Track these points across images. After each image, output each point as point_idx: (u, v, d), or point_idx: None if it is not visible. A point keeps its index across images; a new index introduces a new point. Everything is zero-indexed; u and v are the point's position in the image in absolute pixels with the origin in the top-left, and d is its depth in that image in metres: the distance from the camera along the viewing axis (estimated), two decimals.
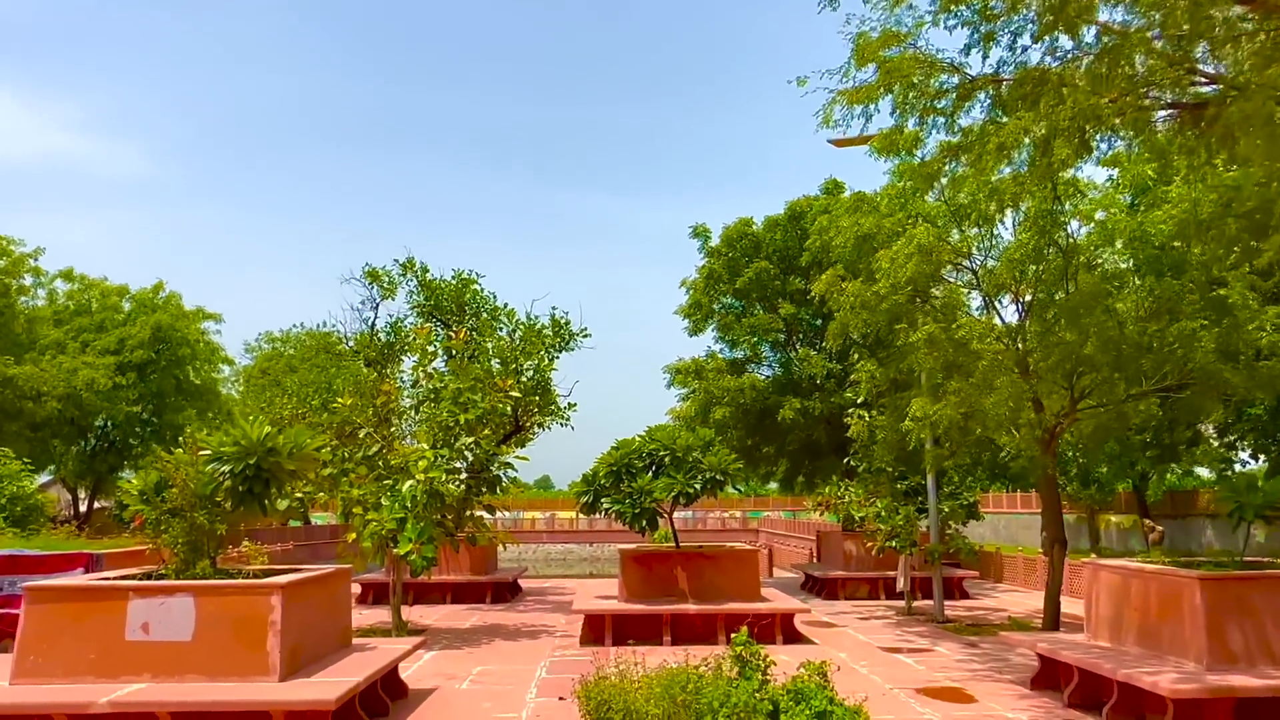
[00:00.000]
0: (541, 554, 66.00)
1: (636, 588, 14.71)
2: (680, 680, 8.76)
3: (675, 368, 24.16)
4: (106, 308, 35.18)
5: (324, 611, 9.28)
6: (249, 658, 8.02)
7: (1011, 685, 10.90)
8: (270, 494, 9.45)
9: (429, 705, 9.90)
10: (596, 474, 15.02)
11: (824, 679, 8.92)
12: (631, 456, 14.77)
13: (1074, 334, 12.12)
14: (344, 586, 9.98)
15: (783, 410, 21.01)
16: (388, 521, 14.15)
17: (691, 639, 14.16)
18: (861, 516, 17.62)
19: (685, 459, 14.65)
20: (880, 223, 14.20)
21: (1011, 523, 47.15)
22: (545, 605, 19.99)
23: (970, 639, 14.70)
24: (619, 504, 14.37)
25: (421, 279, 22.22)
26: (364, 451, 15.61)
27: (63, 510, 36.84)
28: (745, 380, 21.67)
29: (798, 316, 22.36)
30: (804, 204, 22.96)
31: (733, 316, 23.36)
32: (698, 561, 14.87)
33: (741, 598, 14.64)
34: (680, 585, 14.73)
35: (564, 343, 21.71)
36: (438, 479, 14.05)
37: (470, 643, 14.43)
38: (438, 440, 15.16)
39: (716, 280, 23.25)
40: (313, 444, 9.77)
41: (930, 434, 12.45)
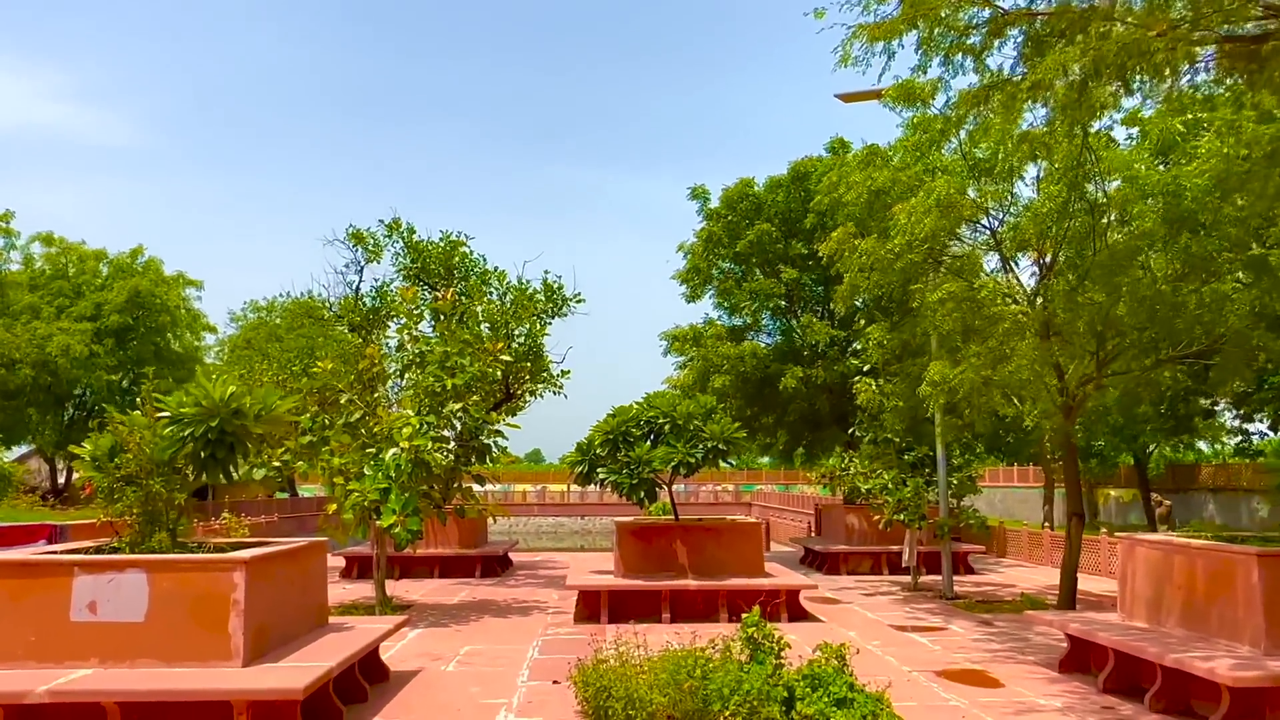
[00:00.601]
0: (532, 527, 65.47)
1: (634, 562, 13.96)
2: (686, 664, 8.01)
3: (672, 334, 23.27)
4: (84, 272, 34.06)
5: (296, 589, 8.47)
6: (209, 641, 7.21)
7: (1037, 668, 10.20)
8: (235, 460, 8.59)
9: (411, 689, 9.13)
10: (592, 442, 14.21)
11: (842, 662, 8.19)
12: (629, 424, 13.96)
13: (1104, 293, 11.32)
14: (318, 561, 9.16)
15: (784, 379, 20.19)
16: (370, 492, 13.33)
17: (692, 616, 13.43)
18: (868, 489, 16.88)
19: (686, 427, 13.85)
20: (895, 176, 13.33)
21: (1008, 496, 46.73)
22: (537, 580, 19.27)
23: (983, 616, 14.01)
24: (616, 474, 13.58)
25: (408, 240, 21.26)
26: (346, 418, 14.75)
27: (43, 482, 35.93)
28: (746, 347, 20.81)
29: (800, 282, 21.48)
30: (808, 164, 22.00)
31: (732, 282, 22.45)
32: (698, 535, 14.11)
33: (744, 573, 13.91)
34: (680, 560, 13.98)
35: (557, 308, 20.85)
36: (423, 447, 13.22)
37: (458, 620, 13.68)
38: (423, 407, 14.32)
39: (716, 244, 22.32)
40: (283, 406, 8.90)
41: (948, 400, 11.69)
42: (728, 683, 7.75)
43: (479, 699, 8.77)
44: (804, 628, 12.81)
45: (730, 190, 22.63)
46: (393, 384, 17.87)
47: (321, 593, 9.28)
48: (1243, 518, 31.96)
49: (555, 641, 11.84)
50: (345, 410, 14.93)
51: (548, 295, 20.78)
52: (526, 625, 13.14)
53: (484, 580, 19.09)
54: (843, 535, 21.11)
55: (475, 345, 14.95)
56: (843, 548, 20.65)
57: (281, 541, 8.90)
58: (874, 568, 20.53)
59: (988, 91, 10.07)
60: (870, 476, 16.95)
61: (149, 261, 34.63)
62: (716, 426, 13.83)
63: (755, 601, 13.79)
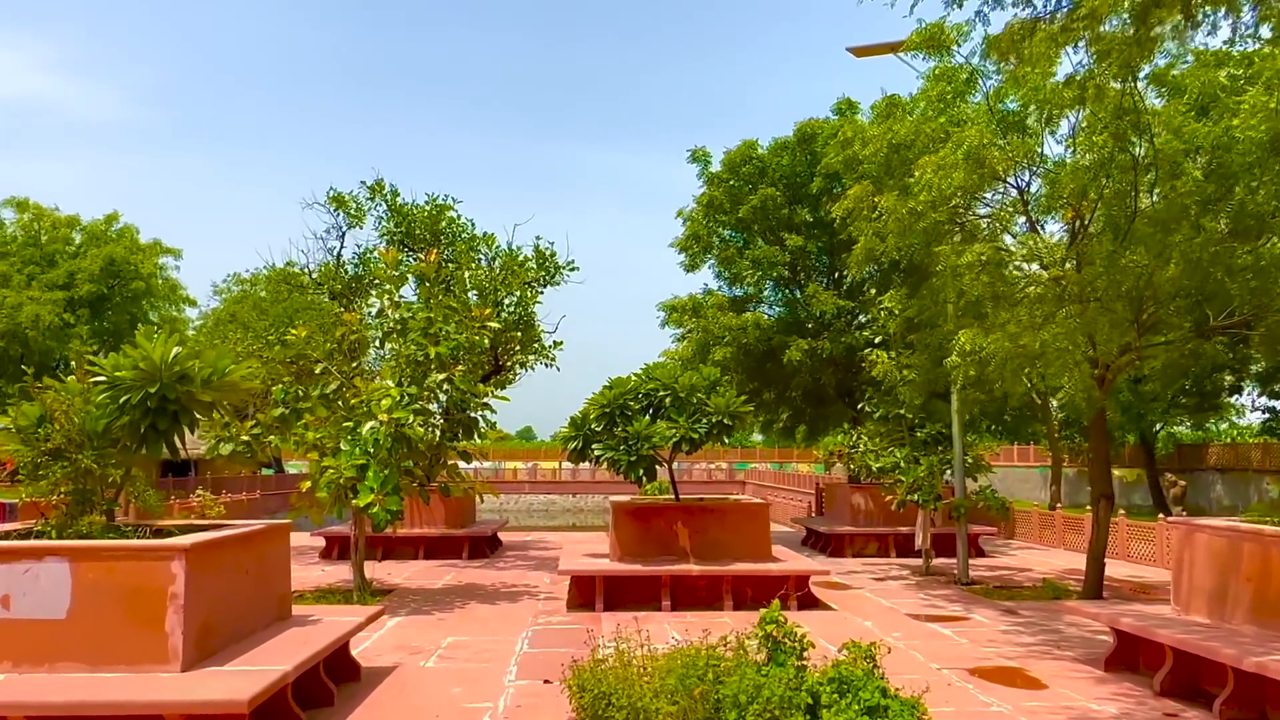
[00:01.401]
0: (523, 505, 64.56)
1: (631, 545, 12.97)
2: (696, 667, 7.01)
3: (671, 305, 22.13)
4: (56, 239, 32.70)
5: (251, 579, 7.43)
6: (142, 641, 6.18)
7: (1078, 665, 9.25)
8: (180, 431, 7.52)
9: (384, 690, 8.12)
10: (586, 416, 13.17)
11: (873, 664, 7.20)
12: (627, 397, 12.92)
13: (1151, 254, 10.30)
14: (279, 547, 8.12)
15: (789, 351, 19.13)
16: (346, 469, 12.28)
17: (694, 604, 12.47)
18: (880, 467, 15.90)
19: (688, 401, 12.81)
20: (918, 129, 12.23)
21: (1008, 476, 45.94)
22: (527, 561, 18.29)
23: (1006, 605, 13.08)
24: (613, 451, 12.55)
25: (391, 204, 20.11)
26: (321, 390, 13.68)
27: None
28: (749, 318, 19.71)
29: (805, 249, 20.37)
30: (815, 126, 20.84)
31: (733, 250, 21.31)
32: (701, 516, 13.12)
33: (750, 557, 12.94)
34: (681, 543, 13.00)
35: (549, 276, 19.79)
36: (404, 420, 12.16)
37: (442, 606, 12.68)
38: (405, 378, 13.25)
39: (717, 209, 21.15)
40: (238, 371, 7.83)
41: (978, 372, 10.69)
42: (744, 689, 6.75)
43: (461, 702, 7.77)
44: (816, 617, 11.86)
45: (733, 153, 21.46)
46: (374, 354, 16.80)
47: (283, 582, 8.25)
48: (1252, 498, 31.22)
49: (547, 632, 10.85)
50: (321, 381, 13.86)
51: (539, 262, 19.71)
52: (515, 613, 12.15)
53: (471, 562, 18.10)
54: (848, 516, 20.17)
55: (461, 312, 13.85)
56: (848, 529, 19.71)
57: (235, 525, 7.85)
58: (881, 550, 19.62)
59: (1034, 24, 8.99)
60: (881, 454, 15.95)
61: (124, 228, 33.24)
62: (721, 400, 12.80)
63: (762, 588, 12.85)
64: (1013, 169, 12.32)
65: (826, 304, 19.56)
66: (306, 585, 14.53)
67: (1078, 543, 20.47)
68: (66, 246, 32.35)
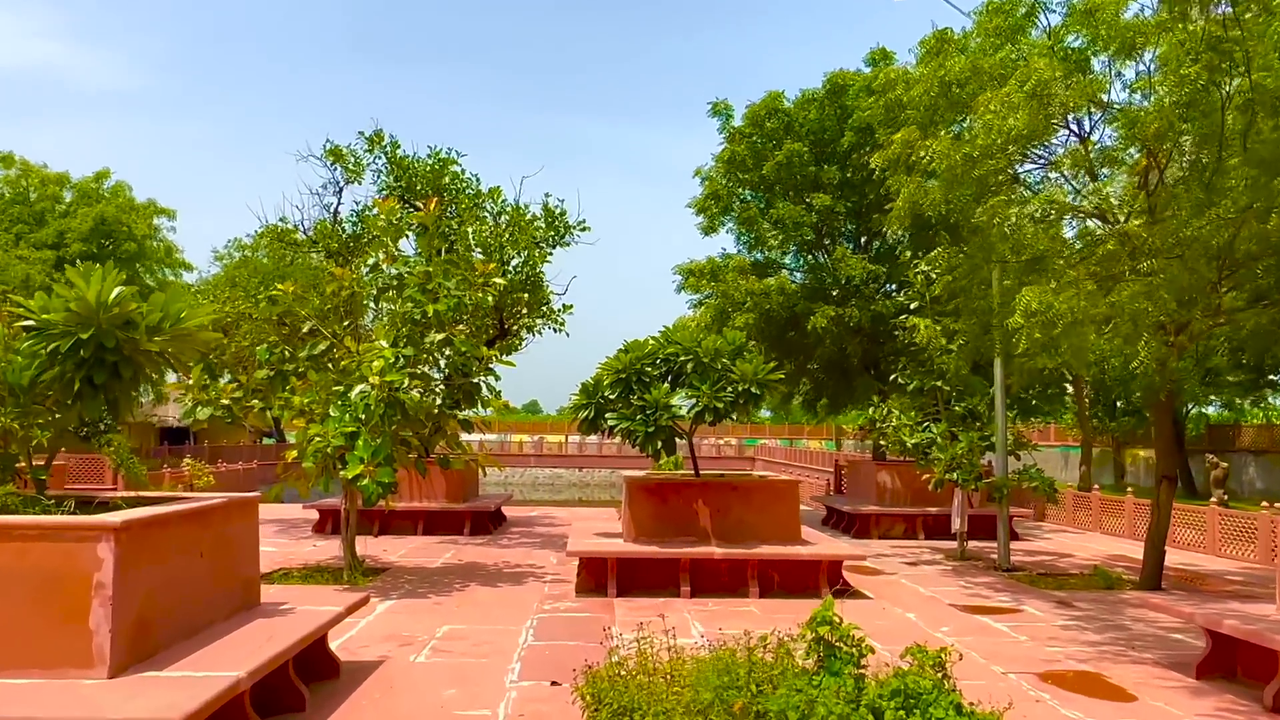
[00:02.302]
0: (529, 479, 63.59)
1: (647, 525, 11.82)
2: (735, 676, 5.86)
3: (688, 269, 20.77)
4: (46, 197, 31.45)
5: (207, 563, 6.28)
6: (60, 641, 5.04)
7: (1164, 671, 8.08)
8: (125, 388, 6.34)
9: (365, 693, 6.99)
10: (600, 383, 11.98)
11: (943, 673, 6.03)
12: (644, 362, 11.71)
13: (1246, 203, 9.00)
14: (244, 524, 6.96)
15: (813, 319, 17.84)
16: (334, 436, 11.14)
17: (715, 590, 11.34)
18: (914, 444, 14.69)
19: (712, 366, 11.60)
20: (976, 64, 10.90)
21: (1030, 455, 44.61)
22: (533, 539, 17.19)
23: (1057, 595, 11.91)
24: (628, 420, 11.36)
25: (391, 156, 18.83)
26: (309, 350, 12.51)
27: None
28: (772, 282, 18.38)
29: (833, 210, 19.01)
30: (847, 77, 19.41)
31: (755, 210, 19.96)
32: (724, 494, 11.95)
33: (777, 539, 11.78)
34: (701, 523, 11.84)
35: (558, 235, 18.52)
36: (397, 384, 10.98)
37: (439, 588, 11.56)
38: (400, 338, 12.06)
39: (738, 167, 19.74)
40: (196, 316, 6.62)
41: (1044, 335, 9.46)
42: (794, 703, 5.60)
43: (454, 708, 6.64)
44: (852, 608, 10.70)
45: (756, 106, 20.02)
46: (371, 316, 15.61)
47: (249, 564, 7.09)
48: None
49: (554, 621, 9.72)
50: (310, 341, 12.69)
51: (548, 221, 18.44)
52: (519, 597, 11.02)
53: (473, 538, 17.00)
54: (873, 495, 19.00)
55: (463, 269, 12.63)
56: (874, 509, 18.55)
57: (189, 498, 6.68)
58: (908, 531, 18.47)
59: None
60: (916, 430, 14.73)
61: (116, 186, 31.97)
62: (748, 366, 11.58)
63: (791, 574, 11.70)
64: (1078, 112, 11.01)
65: (855, 268, 18.24)
66: (294, 562, 13.44)
67: (1115, 526, 19.30)
68: (56, 205, 31.13)
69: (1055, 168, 11.55)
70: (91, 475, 25.56)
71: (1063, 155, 11.66)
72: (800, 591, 11.40)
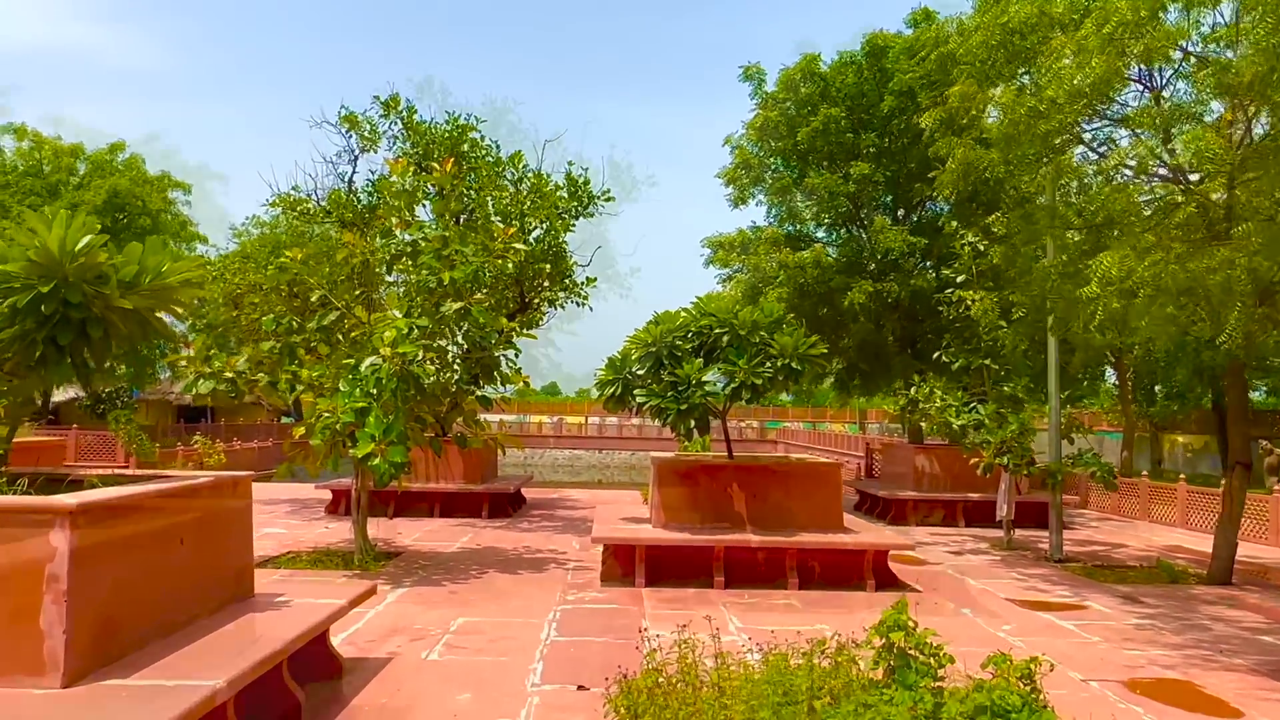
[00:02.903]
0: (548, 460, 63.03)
1: (678, 510, 11.01)
2: (794, 691, 5.05)
3: (717, 241, 19.83)
4: (60, 169, 30.87)
5: (189, 551, 5.52)
6: (4, 645, 4.28)
7: (1261, 679, 7.20)
8: (96, 350, 5.57)
9: (368, 698, 6.23)
10: (628, 358, 11.15)
11: (1033, 688, 5.20)
12: (676, 335, 10.86)
13: None
14: (235, 505, 6.19)
15: (850, 294, 16.91)
16: (343, 413, 10.38)
17: (751, 580, 10.53)
18: (961, 425, 13.79)
19: (749, 340, 10.74)
20: (1043, 8, 9.91)
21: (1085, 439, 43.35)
22: (554, 522, 16.44)
23: (1120, 589, 11.02)
24: (658, 398, 10.53)
25: (408, 122, 18.00)
26: (319, 321, 11.75)
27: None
28: (807, 255, 17.43)
29: (872, 180, 18.01)
30: (886, 39, 18.39)
31: (789, 180, 19.01)
32: (761, 478, 11.12)
33: (818, 527, 10.95)
34: (736, 508, 11.02)
35: (581, 205, 17.66)
36: (411, 356, 10.20)
37: (455, 575, 10.82)
38: (414, 308, 11.28)
39: (771, 134, 18.74)
40: (179, 271, 5.84)
41: (1122, 305, 8.55)
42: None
43: (469, 714, 5.86)
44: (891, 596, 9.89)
45: (790, 70, 18.98)
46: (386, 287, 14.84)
47: (241, 551, 6.34)
48: None
49: (578, 614, 8.94)
50: (319, 312, 11.93)
51: (571, 190, 17.58)
52: (540, 586, 10.26)
53: (492, 521, 16.28)
54: (910, 479, 18.11)
55: (481, 235, 11.81)
56: (911, 494, 17.66)
57: (169, 476, 5.92)
58: (948, 518, 17.58)
59: None
60: (963, 410, 13.82)
61: (130, 159, 31.35)
62: (788, 339, 10.71)
63: (833, 564, 10.86)
64: (1158, 61, 10.01)
65: (894, 241, 17.27)
66: (304, 545, 12.76)
67: (1166, 515, 18.33)
68: (70, 177, 30.59)
69: (1126, 125, 10.56)
70: (102, 453, 25.07)
71: (1135, 111, 10.66)
72: (843, 583, 10.58)
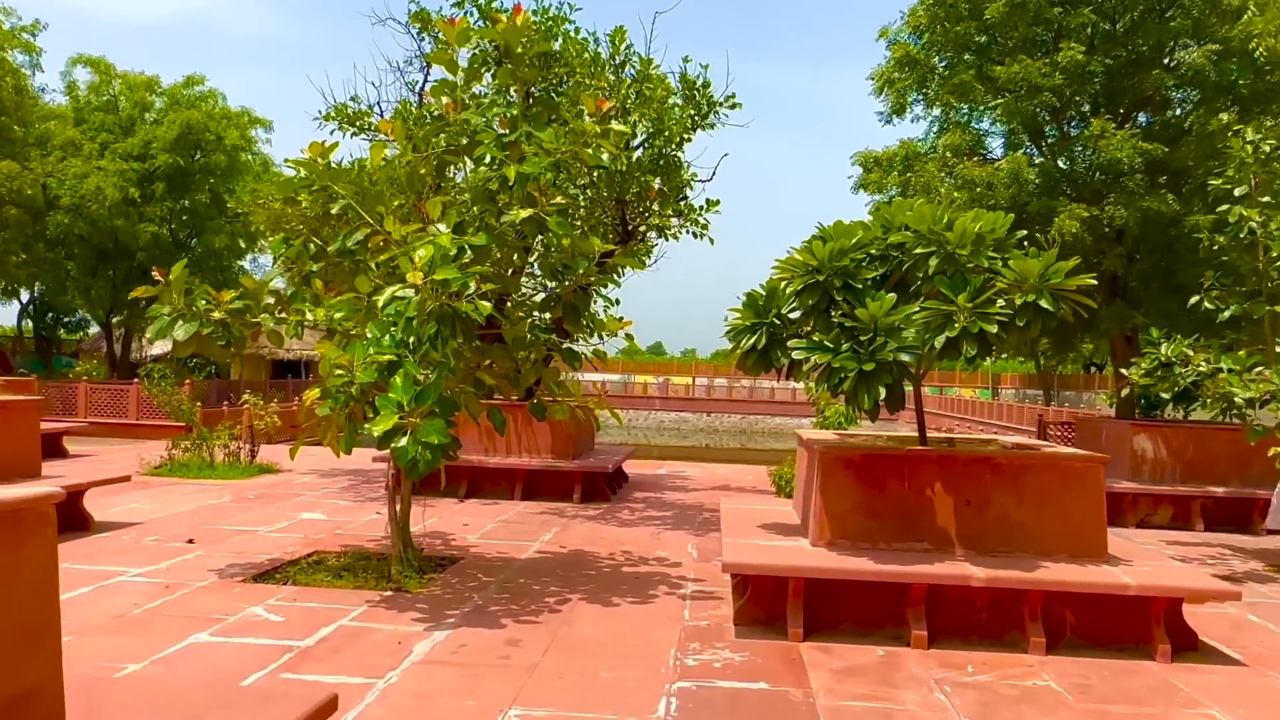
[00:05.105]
0: (653, 422, 59.98)
1: (849, 521, 7.35)
2: None
3: (871, 157, 15.64)
4: (134, 103, 28.78)
5: None
6: None
7: None
8: None
9: None
10: (776, 292, 7.49)
11: None
12: (853, 255, 7.10)
13: None
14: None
15: (1056, 220, 12.67)
16: (362, 370, 7.11)
17: (966, 632, 6.87)
18: (1247, 399, 9.64)
19: (973, 261, 6.93)
20: None
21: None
22: (662, 510, 13.01)
23: None
24: (827, 351, 6.81)
25: (485, 11, 14.54)
26: (341, 242, 8.48)
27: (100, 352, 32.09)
28: (1005, 165, 13.16)
29: (1088, 71, 13.57)
30: None
31: (970, 74, 14.66)
32: (978, 476, 7.34)
33: (1066, 551, 7.15)
34: (939, 522, 7.30)
35: (699, 113, 13.93)
36: (452, 285, 6.81)
37: (524, 605, 7.49)
38: (467, 221, 7.91)
39: (946, 13, 14.40)
40: None
41: None
42: None
43: None
44: (1212, 681, 6.07)
45: None
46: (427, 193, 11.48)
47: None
48: None
49: (708, 697, 5.46)
50: (344, 230, 8.66)
51: (687, 94, 13.85)
52: (646, 633, 6.82)
53: (585, 508, 12.98)
54: (1125, 466, 13.90)
55: (567, 115, 8.32)
56: (1128, 485, 13.49)
57: None
58: (1178, 517, 13.38)
59: None
60: (1251, 378, 9.66)
61: (208, 92, 29.02)
62: (1032, 264, 6.86)
63: (1095, 614, 6.77)
64: None
65: (1122, 149, 12.88)
66: (341, 540, 9.70)
67: None
68: (146, 113, 28.55)
69: None
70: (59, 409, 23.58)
71: None
72: (1113, 643, 6.80)
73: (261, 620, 6.84)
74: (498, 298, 8.65)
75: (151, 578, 8.05)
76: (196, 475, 14.66)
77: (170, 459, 15.32)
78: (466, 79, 8.73)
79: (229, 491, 13.28)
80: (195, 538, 9.82)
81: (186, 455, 15.38)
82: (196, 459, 15.33)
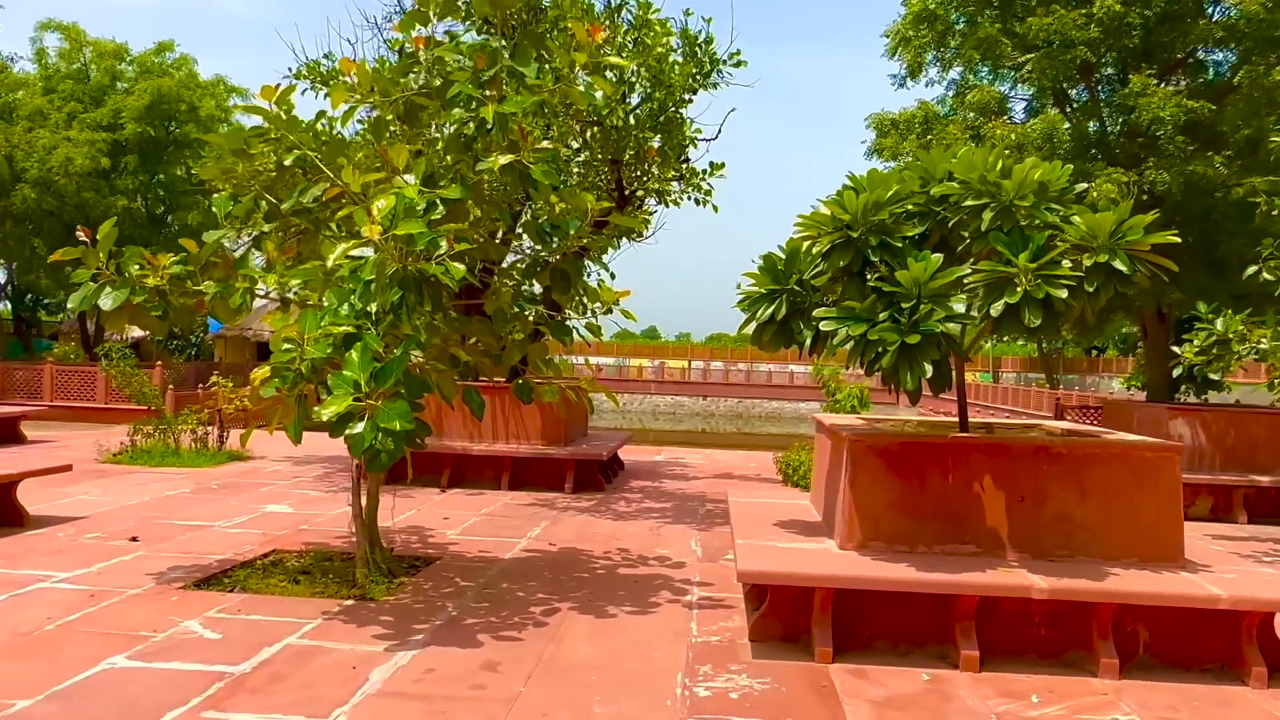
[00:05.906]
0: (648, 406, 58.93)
1: (885, 520, 6.31)
2: None
3: (887, 119, 14.47)
4: (103, 71, 27.44)
5: None
6: None
7: None
8: None
9: None
10: (799, 254, 6.42)
11: None
12: (889, 207, 6.02)
13: None
14: None
15: (1092, 186, 11.62)
16: (313, 344, 6.04)
17: (1020, 649, 5.86)
18: None
19: (1034, 215, 5.88)
20: None
21: None
22: (661, 501, 11.97)
23: None
24: (862, 322, 5.74)
25: None
26: (295, 199, 7.37)
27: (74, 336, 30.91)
28: (1038, 125, 12.04)
29: (1125, 23, 12.42)
30: None
31: (995, 29, 13.50)
32: (1033, 468, 6.30)
33: (1137, 556, 6.13)
34: (988, 521, 6.26)
35: (701, 71, 12.78)
36: (417, 243, 5.73)
37: (504, 617, 6.44)
38: (438, 170, 6.83)
39: None
40: None
41: None
42: None
43: None
44: None
45: None
46: None
47: None
48: None
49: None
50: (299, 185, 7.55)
51: (689, 51, 12.70)
52: (646, 653, 5.78)
53: (577, 499, 11.94)
54: None
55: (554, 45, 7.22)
56: None
57: None
58: (1218, 509, 12.44)
59: None
60: None
61: (180, 59, 27.76)
62: (1104, 218, 5.82)
63: (1172, 630, 5.57)
64: None
65: (1165, 108, 11.79)
66: (305, 536, 8.63)
67: None
68: (116, 82, 27.24)
69: None
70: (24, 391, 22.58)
71: None
72: (1194, 663, 5.80)
73: (194, 638, 5.79)
74: (480, 265, 7.58)
75: (78, 584, 7.00)
76: (159, 463, 13.59)
77: (132, 445, 14.24)
78: (442, 8, 7.59)
79: (191, 481, 12.23)
80: (140, 535, 8.76)
81: (149, 441, 14.30)
82: (160, 445, 14.25)
